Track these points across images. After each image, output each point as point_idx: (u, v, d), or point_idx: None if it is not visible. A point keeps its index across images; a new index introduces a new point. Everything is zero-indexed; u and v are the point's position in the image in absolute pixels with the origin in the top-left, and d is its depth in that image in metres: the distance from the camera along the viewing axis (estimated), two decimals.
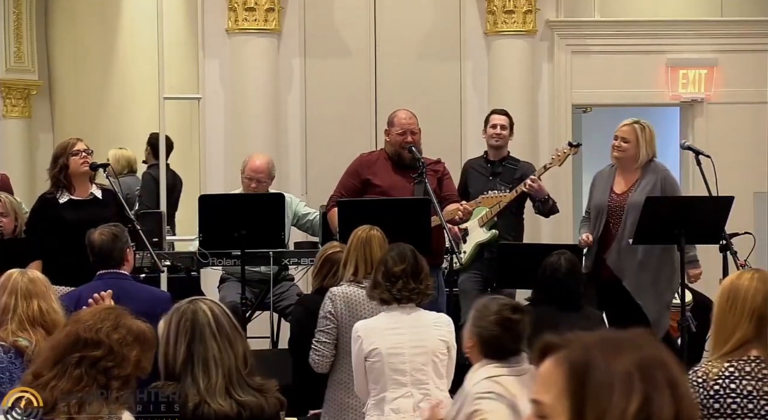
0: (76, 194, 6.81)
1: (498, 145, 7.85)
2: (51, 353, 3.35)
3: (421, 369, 5.06)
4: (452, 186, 7.34)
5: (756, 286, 3.79)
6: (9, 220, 7.08)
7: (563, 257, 6.15)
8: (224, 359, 3.60)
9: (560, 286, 6.07)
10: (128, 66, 11.49)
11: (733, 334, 3.75)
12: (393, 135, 7.17)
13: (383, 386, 5.04)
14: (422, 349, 5.08)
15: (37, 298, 4.15)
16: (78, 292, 5.61)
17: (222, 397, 3.58)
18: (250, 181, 7.60)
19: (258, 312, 7.76)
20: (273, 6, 9.76)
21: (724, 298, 3.80)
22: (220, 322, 3.66)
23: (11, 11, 11.75)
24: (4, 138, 11.71)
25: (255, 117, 9.73)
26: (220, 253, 7.20)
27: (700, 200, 7.08)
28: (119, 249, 5.64)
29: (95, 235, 5.68)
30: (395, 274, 5.12)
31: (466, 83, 10.05)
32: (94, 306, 3.66)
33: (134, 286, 5.69)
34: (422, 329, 5.13)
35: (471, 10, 10.05)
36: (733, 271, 6.53)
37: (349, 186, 7.20)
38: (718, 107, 10.36)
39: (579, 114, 11.00)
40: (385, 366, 5.03)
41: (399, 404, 5.02)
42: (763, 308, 3.76)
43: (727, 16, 10.58)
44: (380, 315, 5.17)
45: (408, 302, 5.13)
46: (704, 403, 3.72)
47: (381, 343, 5.04)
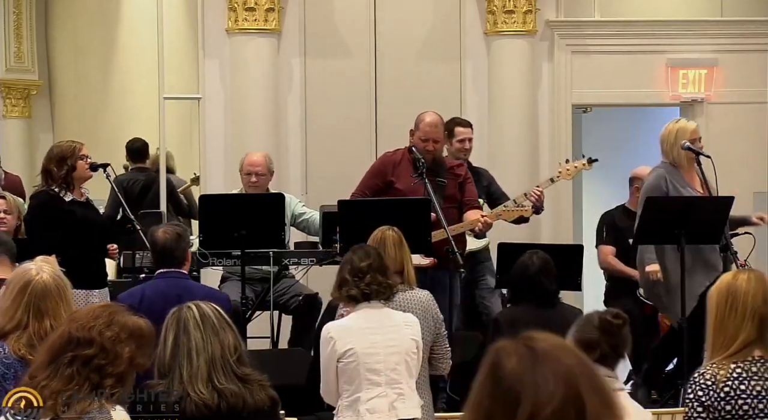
0: (75, 195, 6.86)
1: (466, 158, 7.87)
2: (46, 354, 3.35)
3: (394, 368, 5.06)
4: (474, 191, 7.29)
5: (754, 286, 3.78)
6: (13, 218, 7.09)
7: (535, 256, 6.22)
8: (207, 348, 3.64)
9: (532, 284, 6.12)
10: (128, 66, 11.49)
11: (737, 336, 3.74)
12: (416, 139, 7.15)
13: (357, 387, 5.03)
14: (396, 348, 5.08)
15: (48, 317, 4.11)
16: (141, 289, 5.62)
17: (203, 385, 3.61)
18: (249, 176, 7.61)
19: (258, 312, 7.76)
20: (273, 6, 9.76)
21: (722, 300, 3.79)
22: (205, 314, 3.71)
23: (11, 11, 11.75)
24: (4, 138, 11.71)
25: (255, 117, 9.72)
26: (220, 253, 7.20)
27: (700, 200, 7.07)
28: (182, 249, 5.65)
29: (159, 233, 5.63)
30: (362, 269, 5.11)
31: (466, 83, 10.05)
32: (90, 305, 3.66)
33: (195, 286, 5.75)
34: (394, 328, 5.12)
35: (471, 10, 10.05)
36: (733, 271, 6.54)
37: (372, 186, 7.21)
38: (718, 107, 10.36)
39: (579, 114, 11.00)
40: (360, 366, 5.02)
41: (374, 404, 5.01)
42: (763, 309, 3.76)
43: (727, 16, 10.58)
44: (351, 315, 5.15)
45: (377, 296, 5.11)
46: (715, 406, 3.71)
47: (356, 343, 5.03)
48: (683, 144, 7.29)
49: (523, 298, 6.19)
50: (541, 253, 6.27)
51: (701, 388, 3.73)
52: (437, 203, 6.80)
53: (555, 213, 9.90)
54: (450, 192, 7.07)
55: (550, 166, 10.10)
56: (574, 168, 7.51)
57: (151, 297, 5.50)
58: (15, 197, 7.49)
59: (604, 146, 10.11)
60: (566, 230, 9.99)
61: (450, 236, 6.69)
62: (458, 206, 7.08)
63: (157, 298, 5.49)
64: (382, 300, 5.14)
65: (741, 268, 6.81)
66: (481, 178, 7.94)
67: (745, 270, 3.98)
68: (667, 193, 7.04)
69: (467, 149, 7.92)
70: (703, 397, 3.73)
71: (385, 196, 7.10)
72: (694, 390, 3.75)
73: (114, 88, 11.58)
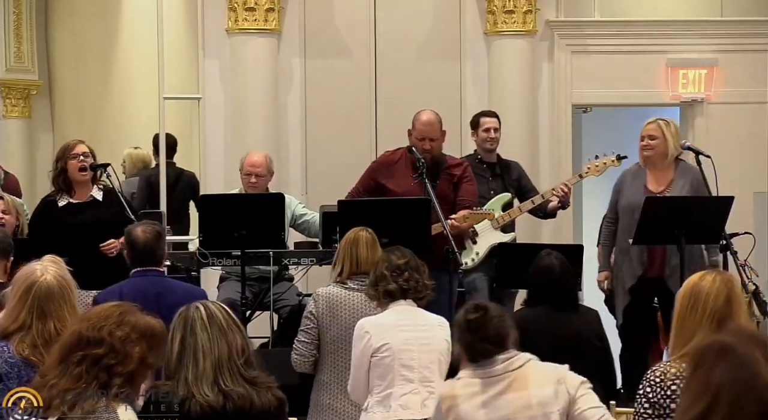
0: (76, 197, 6.84)
1: (493, 148, 7.90)
2: (57, 354, 3.36)
3: (428, 367, 5.07)
4: (472, 191, 7.20)
5: (718, 287, 3.78)
6: (11, 218, 7.08)
7: (553, 256, 6.11)
8: (213, 349, 3.63)
9: (556, 286, 6.03)
10: (128, 66, 11.48)
11: (693, 336, 3.73)
12: (413, 138, 7.14)
13: (390, 382, 5.02)
14: (429, 347, 5.08)
15: (52, 319, 4.11)
16: (119, 288, 5.57)
17: (208, 387, 3.59)
18: (248, 176, 7.60)
19: (257, 312, 7.75)
20: (273, 6, 9.76)
21: (685, 300, 3.79)
22: (213, 315, 3.69)
23: (11, 11, 11.74)
24: (4, 138, 11.70)
25: (255, 117, 9.72)
26: (220, 253, 7.20)
27: (700, 200, 7.07)
28: (161, 248, 5.63)
29: (138, 232, 5.59)
30: (399, 266, 5.14)
31: (466, 83, 10.05)
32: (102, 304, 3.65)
33: (173, 283, 5.70)
34: (428, 327, 5.13)
35: (471, 10, 10.05)
36: (733, 271, 6.54)
37: (366, 185, 7.24)
38: (718, 107, 10.36)
39: (579, 114, 11.00)
40: (395, 361, 5.02)
41: (407, 400, 5.01)
42: (723, 310, 3.75)
43: (727, 16, 10.58)
44: (385, 312, 5.15)
45: (415, 294, 5.13)
46: (661, 403, 3.70)
47: (392, 339, 5.03)
48: (683, 143, 7.30)
49: (544, 299, 6.09)
50: (556, 253, 6.19)
51: (650, 384, 3.73)
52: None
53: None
54: (441, 192, 7.00)
55: (550, 166, 10.12)
56: (603, 164, 7.55)
57: (129, 296, 5.44)
58: (13, 197, 7.48)
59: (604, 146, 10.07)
60: (566, 230, 9.99)
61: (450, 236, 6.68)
62: (451, 206, 7.02)
63: (135, 296, 5.40)
64: (416, 300, 5.16)
65: (741, 268, 6.82)
66: (511, 171, 7.96)
67: (714, 271, 3.97)
68: (620, 191, 7.25)
69: (493, 138, 7.91)
70: (650, 394, 3.72)
71: (379, 196, 7.08)
72: (644, 386, 3.76)
73: (114, 88, 11.57)
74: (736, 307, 3.80)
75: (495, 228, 7.59)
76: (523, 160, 9.58)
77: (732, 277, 3.92)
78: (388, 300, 5.15)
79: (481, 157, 7.92)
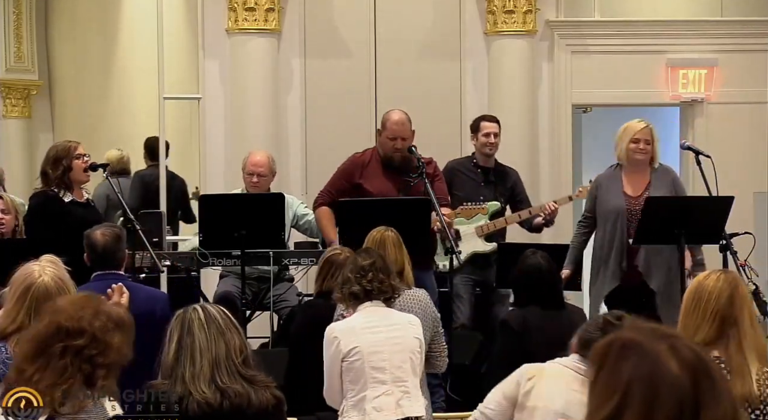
0: (75, 196, 6.87)
1: (491, 154, 7.87)
2: (32, 346, 3.32)
3: (400, 366, 5.05)
4: (442, 189, 7.20)
5: (721, 286, 3.78)
6: (11, 218, 7.08)
7: (539, 255, 6.08)
8: (211, 348, 3.62)
9: (544, 286, 6.00)
10: (128, 66, 11.49)
11: (695, 336, 3.74)
12: (383, 137, 7.14)
13: (363, 386, 5.01)
14: (400, 346, 5.07)
15: None
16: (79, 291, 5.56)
17: (206, 385, 3.59)
18: (251, 176, 7.60)
19: (257, 312, 7.76)
20: (273, 6, 9.76)
21: (689, 299, 3.80)
22: (211, 315, 3.68)
23: (11, 11, 11.75)
24: (4, 138, 11.71)
25: (255, 117, 9.73)
26: (220, 253, 7.20)
27: (700, 200, 7.07)
28: (122, 250, 5.57)
29: (97, 234, 5.52)
30: (364, 267, 5.11)
31: (466, 83, 10.05)
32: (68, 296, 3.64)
33: (134, 287, 5.59)
34: (398, 327, 5.11)
35: (471, 10, 10.06)
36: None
37: (338, 186, 7.20)
38: (718, 107, 10.36)
39: (579, 114, 11.00)
40: (365, 364, 5.00)
41: (380, 402, 5.00)
42: (726, 310, 3.75)
43: (727, 16, 10.58)
44: (354, 316, 5.13)
45: (379, 295, 5.10)
46: None
47: (361, 342, 5.01)
48: (683, 143, 7.30)
49: (531, 299, 6.06)
50: (542, 252, 6.18)
51: None
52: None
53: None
54: (417, 190, 7.01)
55: (550, 166, 10.13)
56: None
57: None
58: (13, 197, 7.48)
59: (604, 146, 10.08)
60: (566, 230, 9.98)
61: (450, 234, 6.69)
62: None
63: None
64: (384, 300, 5.14)
65: (741, 268, 6.82)
66: (506, 179, 7.91)
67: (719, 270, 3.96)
68: (596, 197, 7.12)
69: (492, 143, 7.85)
70: None
71: (353, 197, 7.06)
72: None
73: (114, 87, 11.58)
74: (740, 306, 3.80)
75: (479, 236, 7.57)
76: (522, 160, 9.60)
77: (737, 277, 3.91)
78: (354, 302, 5.13)
79: (477, 161, 7.88)
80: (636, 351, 2.02)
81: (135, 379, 3.59)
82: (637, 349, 2.02)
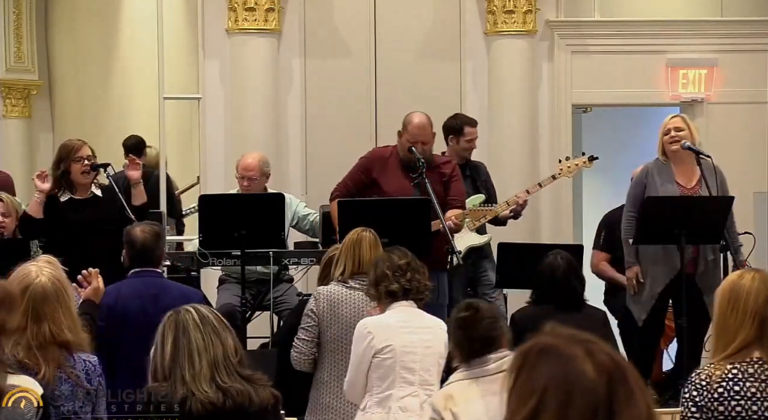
0: (78, 194, 6.87)
1: (469, 157, 7.93)
2: None
3: (428, 369, 5.05)
4: (461, 189, 7.22)
5: (757, 287, 3.74)
6: (11, 220, 7.09)
7: (560, 256, 6.13)
8: (209, 348, 3.63)
9: (560, 286, 6.05)
10: (128, 66, 11.49)
11: (736, 337, 3.71)
12: (404, 140, 7.10)
13: (390, 384, 5.00)
14: (431, 350, 5.06)
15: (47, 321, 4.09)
16: (116, 288, 5.52)
17: (207, 384, 3.59)
18: (242, 179, 7.59)
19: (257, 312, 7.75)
20: (273, 6, 9.76)
21: (725, 300, 3.76)
22: (205, 316, 3.69)
23: (11, 11, 11.74)
24: (4, 138, 11.70)
25: (255, 117, 9.72)
26: (220, 253, 7.19)
27: (700, 200, 7.07)
28: (160, 248, 5.60)
29: (137, 231, 5.53)
30: (401, 266, 5.10)
31: (466, 83, 10.05)
32: None
33: (170, 284, 5.69)
34: (429, 330, 5.11)
35: (471, 10, 10.05)
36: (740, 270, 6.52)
37: (357, 179, 7.18)
38: (718, 107, 10.35)
39: (579, 114, 11.00)
40: (396, 363, 5.00)
41: (406, 403, 4.99)
42: (764, 310, 3.73)
43: (727, 16, 10.58)
44: (387, 313, 5.11)
45: (416, 294, 5.10)
46: (708, 406, 3.69)
47: (395, 340, 5.01)
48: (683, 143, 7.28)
49: (545, 298, 6.08)
50: (564, 253, 6.21)
51: (696, 388, 3.72)
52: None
53: (555, 212, 9.91)
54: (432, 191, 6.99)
55: (550, 166, 10.09)
56: (575, 166, 7.52)
57: (127, 296, 5.44)
58: (12, 198, 7.48)
59: (604, 146, 10.09)
60: (566, 230, 9.99)
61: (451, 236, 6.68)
62: (442, 205, 7.00)
63: (133, 297, 5.42)
64: (416, 301, 5.13)
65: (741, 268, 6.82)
66: (479, 172, 7.97)
67: (751, 269, 3.94)
68: (645, 186, 7.04)
69: (474, 148, 8.01)
70: (697, 398, 3.71)
71: (369, 193, 7.05)
72: (690, 390, 3.74)
73: (114, 87, 11.58)
74: None
75: (471, 229, 7.58)
76: (522, 160, 9.63)
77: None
78: (390, 300, 5.12)
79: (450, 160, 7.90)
80: (552, 355, 2.04)
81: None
82: (554, 353, 2.04)
